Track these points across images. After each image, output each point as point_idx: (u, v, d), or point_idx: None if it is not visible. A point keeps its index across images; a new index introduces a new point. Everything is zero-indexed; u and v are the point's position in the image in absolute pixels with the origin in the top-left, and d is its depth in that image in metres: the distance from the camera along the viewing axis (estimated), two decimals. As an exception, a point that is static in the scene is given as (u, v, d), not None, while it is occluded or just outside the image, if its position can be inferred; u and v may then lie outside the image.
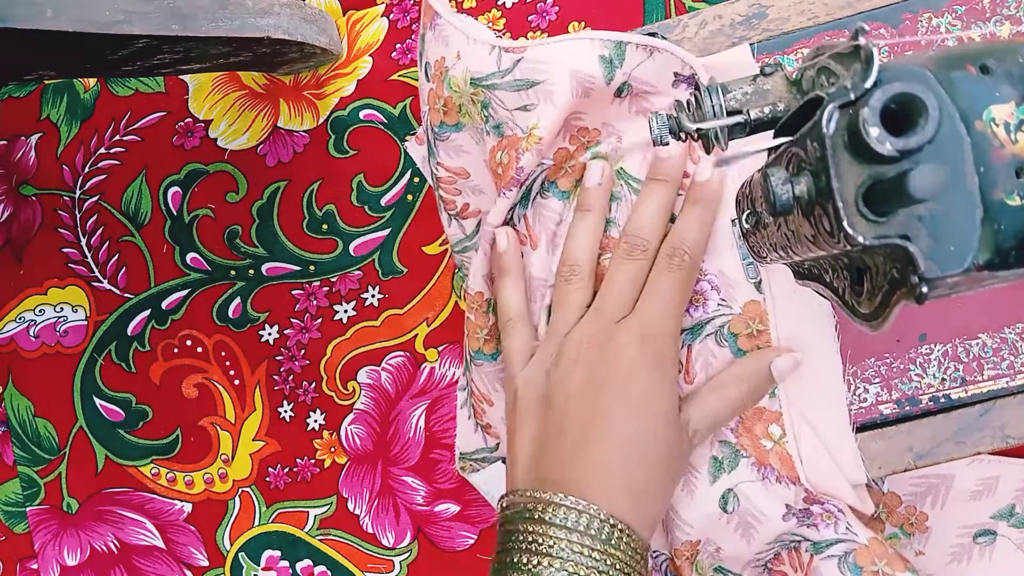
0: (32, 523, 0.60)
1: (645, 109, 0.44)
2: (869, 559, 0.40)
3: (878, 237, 0.23)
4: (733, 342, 0.43)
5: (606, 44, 0.42)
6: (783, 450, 0.42)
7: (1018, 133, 0.22)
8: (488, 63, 0.43)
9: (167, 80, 0.57)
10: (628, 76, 0.42)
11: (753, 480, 0.43)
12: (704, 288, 0.43)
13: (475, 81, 0.43)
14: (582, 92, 0.42)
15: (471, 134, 0.46)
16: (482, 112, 0.44)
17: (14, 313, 0.60)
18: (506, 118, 0.44)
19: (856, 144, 0.23)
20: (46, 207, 0.59)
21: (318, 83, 0.54)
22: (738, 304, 0.43)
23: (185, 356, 0.57)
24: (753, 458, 0.43)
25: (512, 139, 0.44)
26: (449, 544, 0.54)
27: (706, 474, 0.43)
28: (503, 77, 0.43)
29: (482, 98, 0.44)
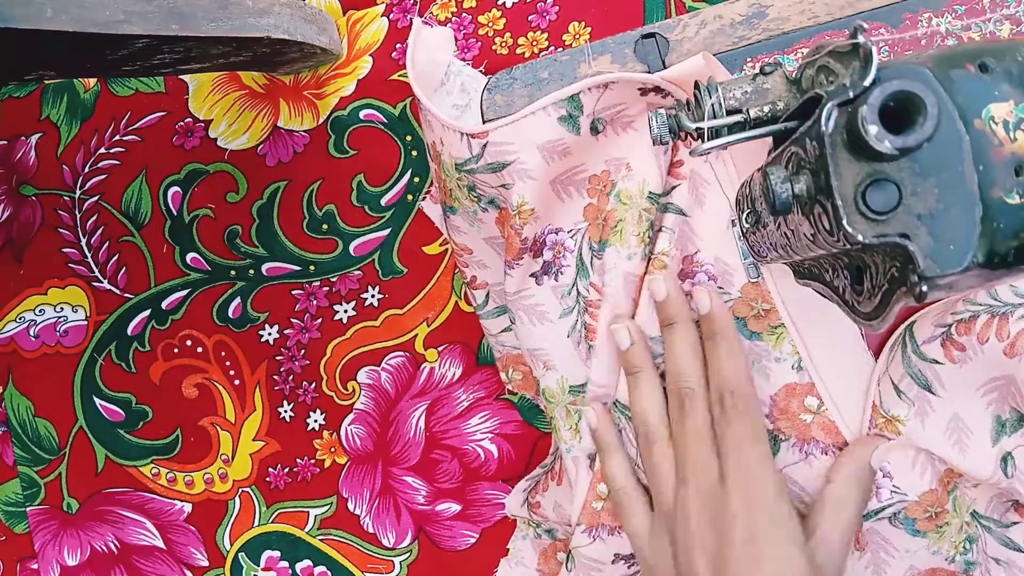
0: (32, 523, 0.60)
1: (628, 124, 0.44)
2: (921, 509, 0.40)
3: (877, 236, 0.23)
4: (743, 326, 0.42)
5: (559, 105, 0.42)
6: (825, 419, 0.41)
7: (1017, 131, 0.22)
8: (462, 149, 0.43)
9: (167, 80, 0.57)
10: (593, 114, 0.43)
11: (796, 462, 0.42)
12: (702, 279, 0.43)
13: (458, 167, 0.44)
14: (558, 156, 0.43)
15: (463, 218, 0.47)
16: (471, 195, 0.45)
17: (14, 313, 0.60)
18: (495, 194, 0.45)
19: (855, 142, 0.23)
20: (46, 207, 0.59)
21: (318, 83, 0.54)
22: (736, 288, 0.42)
23: (185, 356, 0.57)
24: (793, 439, 0.42)
25: (506, 213, 0.45)
26: (450, 544, 0.54)
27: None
28: (477, 162, 0.43)
29: (467, 182, 0.44)
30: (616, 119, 0.43)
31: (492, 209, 0.46)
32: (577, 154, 0.44)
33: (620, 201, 0.43)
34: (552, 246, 0.45)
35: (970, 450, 0.39)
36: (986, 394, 0.39)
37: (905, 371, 0.40)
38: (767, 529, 0.38)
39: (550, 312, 0.45)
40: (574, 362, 0.45)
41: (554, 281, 0.45)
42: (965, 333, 0.38)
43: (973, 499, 0.41)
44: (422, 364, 0.54)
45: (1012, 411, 0.39)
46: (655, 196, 0.43)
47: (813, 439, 0.42)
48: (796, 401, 0.42)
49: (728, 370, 0.40)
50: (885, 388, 0.40)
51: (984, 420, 0.39)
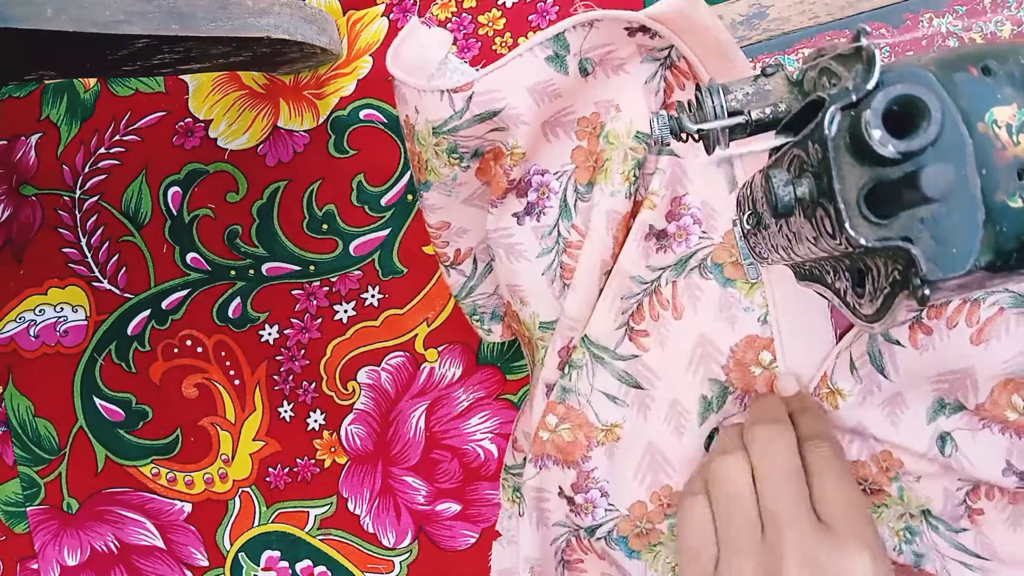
0: (32, 523, 0.60)
1: (618, 67, 0.43)
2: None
3: (880, 239, 0.23)
4: (719, 273, 0.42)
5: (545, 45, 0.42)
6: (771, 375, 0.42)
7: (1020, 135, 0.22)
8: (443, 109, 0.43)
9: (167, 80, 0.57)
10: (580, 53, 0.42)
11: (735, 414, 0.43)
12: (687, 223, 0.43)
13: (436, 130, 0.43)
14: (548, 98, 0.42)
15: (438, 190, 0.46)
16: (450, 158, 0.44)
17: (14, 313, 0.60)
18: (478, 144, 0.44)
19: (858, 146, 0.22)
20: (46, 207, 0.59)
21: (318, 83, 0.54)
22: (719, 233, 0.42)
23: (185, 356, 0.57)
24: (739, 391, 0.43)
25: (497, 151, 0.44)
26: (450, 543, 0.54)
27: (696, 415, 0.44)
28: (461, 118, 0.42)
29: (446, 145, 0.44)
30: (606, 60, 0.43)
31: (473, 163, 0.45)
32: (567, 96, 0.43)
33: (608, 141, 0.43)
34: (537, 187, 0.45)
35: (903, 424, 0.40)
36: (937, 384, 0.39)
37: (866, 349, 0.40)
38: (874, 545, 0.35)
39: (528, 251, 0.45)
40: (546, 299, 0.45)
41: (536, 222, 0.45)
42: (935, 317, 0.38)
43: (928, 498, 0.42)
44: (422, 364, 0.54)
45: (956, 400, 0.40)
46: (643, 136, 0.43)
47: (753, 391, 0.42)
48: (752, 353, 0.42)
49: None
50: (841, 362, 0.41)
51: (924, 400, 0.40)
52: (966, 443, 0.40)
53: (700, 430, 0.44)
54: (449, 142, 0.44)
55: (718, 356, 0.43)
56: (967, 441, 0.40)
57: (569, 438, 0.45)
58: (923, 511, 0.42)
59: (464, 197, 0.47)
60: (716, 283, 0.43)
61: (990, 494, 0.41)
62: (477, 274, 0.50)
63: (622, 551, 0.45)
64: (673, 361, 0.43)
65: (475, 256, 0.49)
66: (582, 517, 0.46)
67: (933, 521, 0.42)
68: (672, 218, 0.43)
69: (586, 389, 0.44)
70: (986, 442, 0.40)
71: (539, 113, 0.43)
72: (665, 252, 0.43)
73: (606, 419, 0.44)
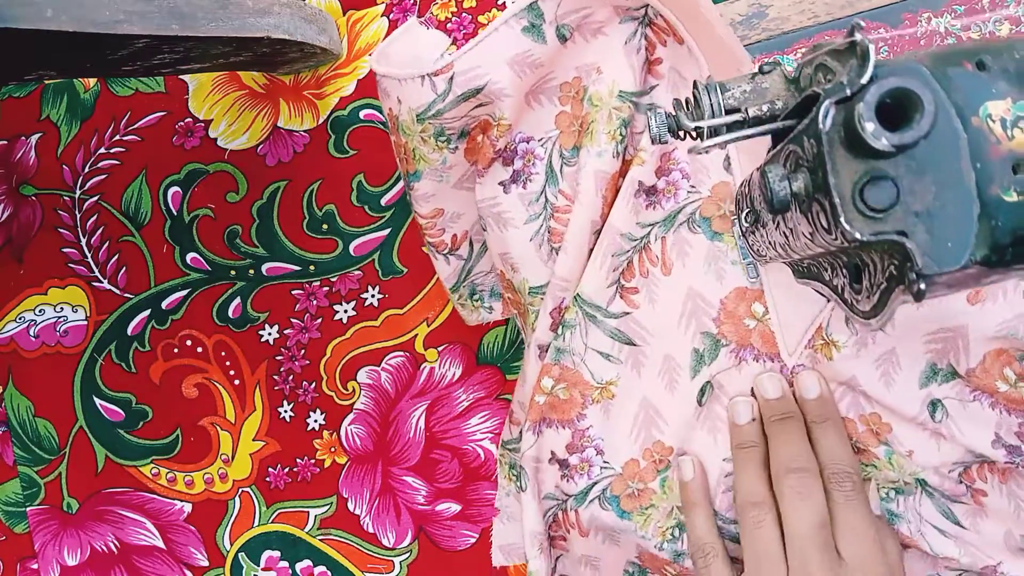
0: (32, 523, 0.60)
1: (596, 30, 0.44)
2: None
3: (875, 233, 0.23)
4: (707, 226, 0.43)
5: (520, 16, 0.42)
6: (766, 328, 0.42)
7: (1014, 129, 0.22)
8: (425, 94, 0.43)
9: (167, 80, 0.57)
10: (556, 20, 0.42)
11: (729, 367, 0.43)
12: (676, 178, 0.43)
13: (420, 117, 0.43)
14: (529, 69, 0.42)
15: (429, 177, 0.46)
16: (438, 141, 0.44)
17: (14, 313, 0.60)
18: (465, 124, 0.44)
19: (852, 140, 0.23)
20: (46, 207, 0.59)
21: (318, 83, 0.54)
22: (706, 187, 0.42)
23: (185, 356, 0.58)
24: (733, 344, 0.43)
25: (483, 123, 0.44)
26: (450, 544, 0.54)
27: (688, 369, 0.44)
28: (444, 100, 0.42)
29: (432, 130, 0.44)
30: (583, 25, 0.43)
31: (461, 143, 0.45)
32: (548, 64, 0.43)
33: (592, 104, 0.43)
34: (523, 155, 0.45)
35: (896, 384, 0.40)
36: (930, 343, 0.39)
37: None
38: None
39: (515, 219, 0.45)
40: (535, 264, 0.45)
41: (522, 189, 0.45)
42: None
43: (922, 469, 0.42)
44: (422, 364, 0.54)
45: (948, 365, 0.40)
46: (626, 94, 0.43)
47: (750, 345, 0.42)
48: (744, 306, 0.42)
49: (841, 452, 0.40)
50: (837, 313, 0.41)
51: (918, 362, 0.40)
52: (957, 412, 0.40)
53: (692, 384, 0.44)
54: (435, 126, 0.44)
55: (709, 310, 0.43)
56: (958, 410, 0.40)
57: (564, 396, 0.45)
58: (919, 480, 0.42)
59: (455, 180, 0.47)
60: (704, 237, 0.43)
61: (981, 474, 0.41)
62: (474, 255, 0.50)
63: (614, 511, 0.45)
64: (664, 317, 0.43)
65: (471, 238, 0.49)
66: (575, 481, 0.45)
67: (930, 490, 0.42)
68: (661, 173, 0.43)
69: (580, 348, 0.44)
70: (976, 414, 0.40)
71: (521, 85, 0.43)
72: (654, 208, 0.43)
73: (600, 377, 0.44)
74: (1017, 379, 0.38)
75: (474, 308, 0.50)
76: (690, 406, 0.44)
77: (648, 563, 0.46)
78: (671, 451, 0.44)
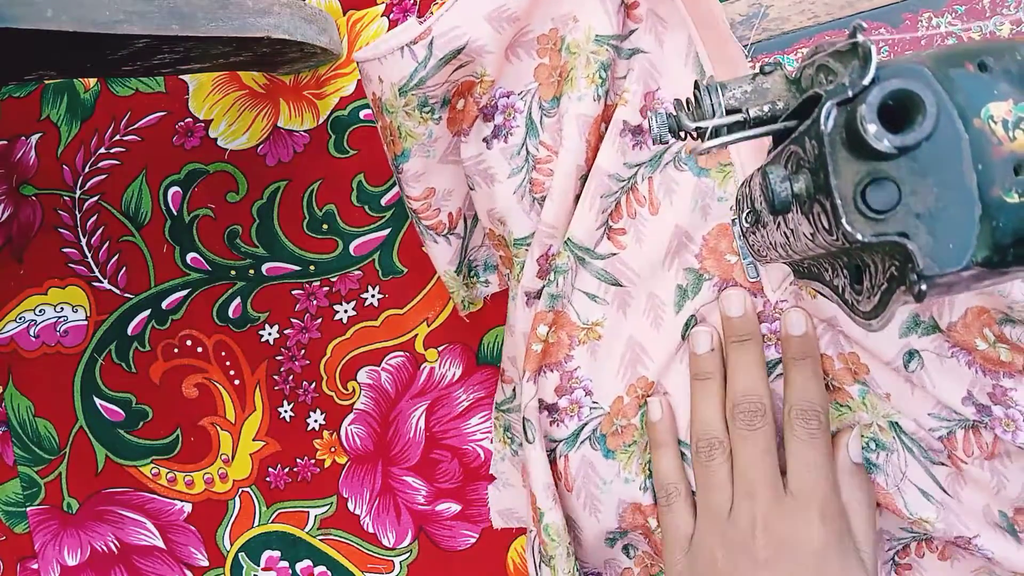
0: (32, 523, 0.60)
1: None
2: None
3: (876, 234, 0.23)
4: (693, 163, 0.43)
5: None
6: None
7: (1016, 130, 0.22)
8: (406, 65, 0.43)
9: (167, 80, 0.57)
10: None
11: (711, 301, 0.43)
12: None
13: (402, 90, 0.43)
14: (507, 23, 0.43)
15: (417, 154, 0.46)
16: (422, 112, 0.45)
17: (14, 313, 0.60)
18: (446, 90, 0.45)
19: (854, 141, 0.23)
20: (46, 207, 0.59)
21: (318, 83, 0.54)
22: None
23: (185, 356, 0.58)
24: (716, 278, 0.43)
25: (464, 85, 0.45)
26: (450, 544, 0.54)
27: (672, 305, 0.44)
28: (426, 66, 0.43)
29: (417, 101, 0.44)
30: None
31: (444, 112, 0.46)
32: (524, 17, 0.44)
33: (570, 52, 0.44)
34: (503, 109, 0.45)
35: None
36: None
37: None
38: (836, 544, 0.38)
39: (499, 173, 0.45)
40: (518, 216, 0.46)
41: (503, 143, 0.45)
42: None
43: (896, 411, 0.42)
44: (422, 364, 0.54)
45: (931, 318, 0.40)
46: (603, 38, 0.43)
47: (733, 280, 0.43)
48: (726, 242, 0.43)
49: (813, 391, 0.41)
50: None
51: (901, 310, 0.40)
52: (933, 365, 0.40)
53: (677, 319, 0.44)
54: (419, 97, 0.44)
55: (692, 246, 0.43)
56: (934, 363, 0.40)
57: (552, 339, 0.45)
58: (893, 424, 0.42)
59: (440, 154, 0.47)
60: (691, 173, 0.43)
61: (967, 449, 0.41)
62: (468, 230, 0.50)
63: (601, 451, 0.46)
64: (650, 256, 0.44)
65: (464, 215, 0.49)
66: (565, 424, 0.46)
67: (907, 440, 0.42)
68: (646, 112, 0.44)
69: (568, 291, 0.45)
70: (952, 369, 0.40)
71: (501, 40, 0.43)
72: (640, 148, 0.44)
73: (587, 318, 0.44)
74: (996, 340, 0.39)
75: (471, 286, 0.51)
76: (674, 342, 0.44)
77: (629, 521, 0.46)
78: (653, 386, 0.45)
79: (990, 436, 0.41)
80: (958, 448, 0.41)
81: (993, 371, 0.40)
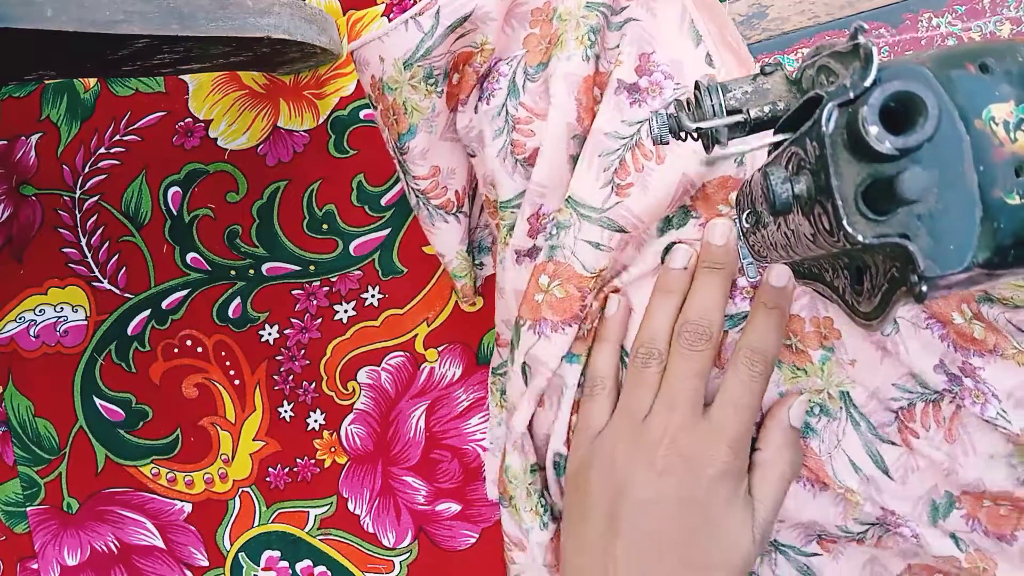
0: (32, 523, 0.60)
1: None
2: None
3: (878, 236, 0.23)
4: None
5: None
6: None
7: (1017, 132, 0.22)
8: (411, 38, 0.43)
9: (167, 80, 0.57)
10: None
11: (694, 240, 0.44)
12: (658, 79, 0.43)
13: (408, 63, 0.44)
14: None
15: (423, 129, 0.46)
16: (427, 84, 0.45)
17: (14, 313, 0.60)
18: (447, 62, 0.45)
19: (855, 142, 0.22)
20: (46, 207, 0.59)
21: (318, 83, 0.54)
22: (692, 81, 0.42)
23: (185, 356, 0.57)
24: (703, 218, 0.43)
25: (462, 56, 0.45)
26: (450, 544, 0.54)
27: (655, 230, 0.44)
28: (432, 36, 0.43)
29: (421, 73, 0.44)
30: None
31: (445, 86, 0.46)
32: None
33: (560, 19, 0.44)
34: (490, 74, 0.46)
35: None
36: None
37: None
38: (733, 481, 0.40)
39: (487, 136, 0.46)
40: (503, 178, 0.46)
41: (486, 105, 0.46)
42: None
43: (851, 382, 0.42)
44: (422, 364, 0.54)
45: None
46: (594, 4, 0.44)
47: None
48: (723, 193, 0.43)
49: (771, 341, 0.41)
50: None
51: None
52: (908, 333, 0.41)
53: (657, 242, 0.44)
54: (424, 69, 0.44)
55: (692, 191, 0.43)
56: (909, 332, 0.41)
57: (561, 294, 0.44)
58: (843, 394, 0.42)
59: (441, 130, 0.47)
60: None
61: (924, 422, 0.41)
62: (474, 209, 0.50)
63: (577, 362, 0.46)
64: (654, 203, 0.43)
65: (468, 194, 0.50)
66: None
67: (855, 414, 0.42)
68: (642, 72, 0.43)
69: (571, 243, 0.44)
70: (926, 340, 0.41)
71: (502, 7, 0.44)
72: (640, 106, 0.43)
73: (592, 267, 0.44)
74: (972, 317, 0.39)
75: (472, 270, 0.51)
76: (650, 263, 0.44)
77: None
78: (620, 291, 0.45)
79: (950, 410, 0.41)
80: (916, 420, 0.41)
81: (964, 348, 0.40)
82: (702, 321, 0.41)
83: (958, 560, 0.41)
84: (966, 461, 0.41)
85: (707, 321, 0.41)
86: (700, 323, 0.41)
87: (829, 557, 0.45)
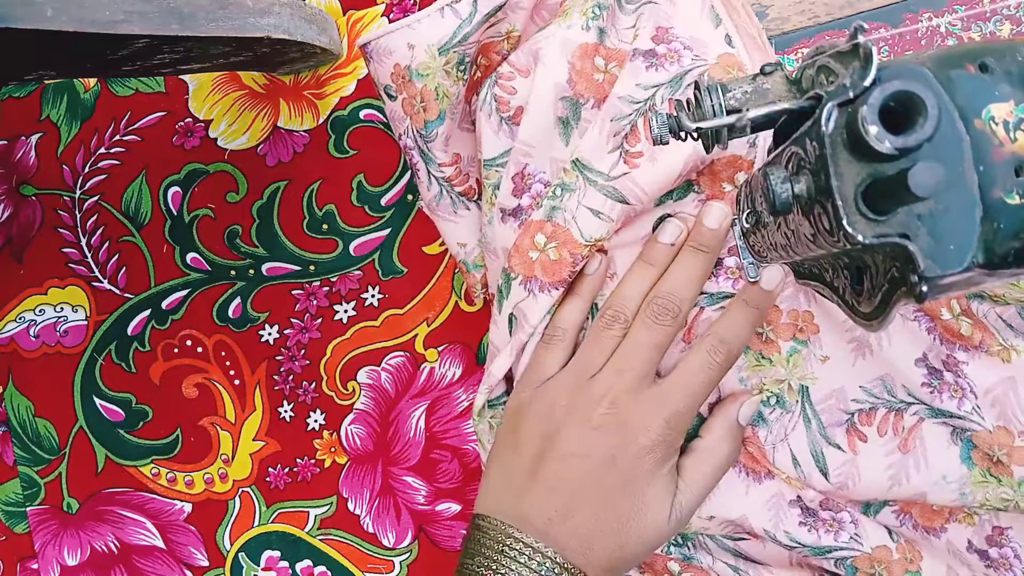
0: (32, 523, 0.60)
1: None
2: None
3: (878, 236, 0.23)
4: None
5: None
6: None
7: (1017, 132, 0.22)
8: (447, 24, 0.44)
9: (167, 80, 0.57)
10: None
11: (690, 214, 0.43)
12: (677, 47, 0.43)
13: (444, 49, 0.44)
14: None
15: (450, 116, 0.47)
16: (458, 71, 0.45)
17: (14, 313, 0.60)
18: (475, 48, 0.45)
19: (855, 142, 0.23)
20: (46, 207, 0.59)
21: (318, 83, 0.54)
22: (712, 56, 0.42)
23: (185, 356, 0.57)
24: (704, 194, 0.43)
25: (484, 47, 0.45)
26: (450, 544, 0.54)
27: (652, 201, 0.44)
28: (471, 22, 0.43)
29: (456, 59, 0.44)
30: None
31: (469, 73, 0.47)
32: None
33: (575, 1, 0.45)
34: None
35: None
36: None
37: None
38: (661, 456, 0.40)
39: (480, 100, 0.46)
40: (488, 136, 0.46)
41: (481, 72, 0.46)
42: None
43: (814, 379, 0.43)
44: (422, 364, 0.54)
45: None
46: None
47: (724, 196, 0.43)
48: (730, 171, 0.43)
49: (744, 334, 0.41)
50: None
51: None
52: (894, 324, 0.41)
53: (654, 211, 0.44)
54: (459, 54, 0.44)
55: (700, 167, 0.43)
56: (896, 323, 0.41)
57: (555, 257, 0.44)
58: (802, 388, 0.43)
59: (459, 119, 0.47)
60: None
61: (882, 428, 0.41)
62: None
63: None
64: (661, 177, 0.43)
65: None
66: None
67: (808, 411, 0.43)
68: (659, 40, 0.43)
69: (573, 207, 0.44)
70: (912, 332, 0.41)
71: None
72: (656, 70, 0.43)
73: (589, 235, 0.43)
74: (961, 313, 0.39)
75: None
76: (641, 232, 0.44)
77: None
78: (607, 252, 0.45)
79: (912, 421, 0.41)
80: (872, 425, 0.42)
81: (950, 342, 0.40)
82: (672, 297, 0.42)
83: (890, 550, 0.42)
84: (915, 474, 0.41)
85: (678, 298, 0.42)
86: (670, 298, 0.42)
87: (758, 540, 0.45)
